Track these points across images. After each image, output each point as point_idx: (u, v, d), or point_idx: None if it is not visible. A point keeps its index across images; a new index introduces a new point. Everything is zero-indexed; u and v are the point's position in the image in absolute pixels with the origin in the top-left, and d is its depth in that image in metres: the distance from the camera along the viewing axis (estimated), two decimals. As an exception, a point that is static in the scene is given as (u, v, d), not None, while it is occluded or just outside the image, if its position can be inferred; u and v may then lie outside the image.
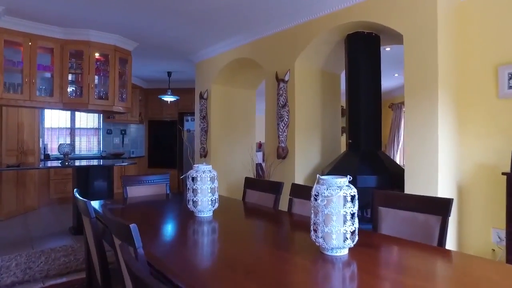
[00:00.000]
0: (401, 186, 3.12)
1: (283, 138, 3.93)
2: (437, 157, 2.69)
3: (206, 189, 2.07)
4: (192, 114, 8.02)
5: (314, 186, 1.44)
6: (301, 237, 1.81)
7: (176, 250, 1.56)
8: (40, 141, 6.64)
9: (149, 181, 3.00)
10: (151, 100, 8.22)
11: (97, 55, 4.58)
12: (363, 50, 3.56)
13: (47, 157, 6.63)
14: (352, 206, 1.36)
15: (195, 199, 2.07)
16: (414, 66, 2.83)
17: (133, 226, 1.21)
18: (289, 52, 3.98)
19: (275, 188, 2.52)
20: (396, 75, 6.89)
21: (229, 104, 5.56)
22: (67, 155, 4.49)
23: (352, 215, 1.37)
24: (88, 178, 4.50)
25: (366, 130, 3.54)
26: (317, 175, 1.47)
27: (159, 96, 7.11)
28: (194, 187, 2.06)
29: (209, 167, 2.13)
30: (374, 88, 3.58)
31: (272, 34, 4.20)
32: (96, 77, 4.56)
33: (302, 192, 2.32)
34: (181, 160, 8.13)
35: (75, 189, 2.01)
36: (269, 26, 4.16)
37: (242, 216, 2.36)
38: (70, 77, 4.47)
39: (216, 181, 2.12)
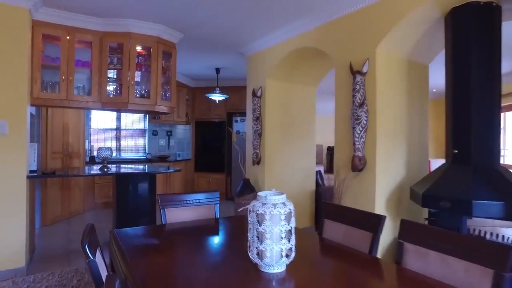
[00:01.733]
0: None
1: (360, 146, 3.10)
2: None
3: (279, 234, 1.34)
4: (242, 114, 7.39)
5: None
6: None
7: None
8: (86, 142, 6.38)
9: (194, 202, 2.34)
10: (198, 100, 7.71)
11: (138, 48, 4.05)
12: (476, 28, 2.62)
13: (92, 160, 6.35)
14: None
15: (261, 247, 1.34)
16: None
17: None
18: (368, 37, 3.14)
19: (373, 223, 1.72)
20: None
21: (287, 102, 4.80)
22: (106, 159, 4.02)
23: None
24: (128, 186, 4.00)
25: (480, 136, 2.60)
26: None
27: (206, 95, 6.55)
28: (261, 229, 1.33)
29: (282, 197, 1.39)
30: (491, 78, 2.63)
31: (345, 16, 3.38)
32: (138, 73, 4.04)
33: (422, 234, 1.50)
34: (230, 163, 7.53)
35: (84, 234, 1.38)
36: (341, 6, 3.34)
37: (327, 270, 1.59)
38: (109, 73, 3.99)
39: (293, 218, 1.38)
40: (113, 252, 1.79)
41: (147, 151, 7.21)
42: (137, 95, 3.96)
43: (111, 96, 3.93)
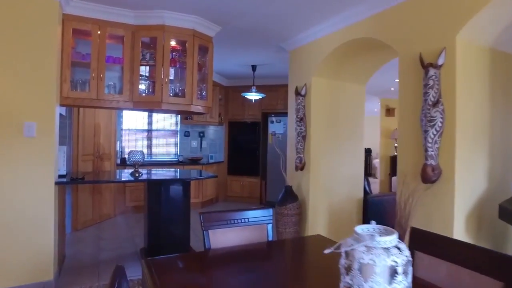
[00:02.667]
0: None
1: (433, 153, 2.58)
2: None
3: (394, 295, 0.89)
4: (278, 114, 6.97)
5: None
6: None
7: None
8: (117, 144, 6.18)
9: (242, 221, 1.93)
10: (231, 99, 7.34)
11: (172, 43, 3.72)
12: None
13: (124, 162, 6.13)
14: None
15: (366, 315, 0.90)
16: None
17: None
18: (445, 22, 2.61)
19: (502, 267, 1.23)
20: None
21: (333, 102, 4.32)
22: (137, 164, 3.70)
23: None
24: (161, 193, 3.67)
25: None
26: None
27: (242, 94, 6.15)
28: (367, 287, 0.89)
29: (394, 237, 0.94)
30: None
31: (413, -2, 2.86)
32: (171, 70, 3.70)
33: None
34: (265, 166, 7.11)
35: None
36: (409, -13, 2.84)
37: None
38: (142, 70, 3.67)
39: (410, 268, 0.93)
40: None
41: (178, 153, 6.93)
42: (171, 94, 3.62)
43: (143, 95, 3.61)
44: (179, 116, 6.93)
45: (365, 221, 4.53)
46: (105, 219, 5.57)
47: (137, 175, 3.68)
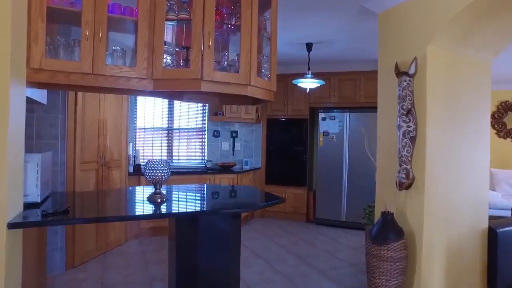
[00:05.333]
0: None
1: None
2: None
3: None
4: (330, 109, 5.50)
5: None
6: None
7: None
8: (130, 147, 4.80)
9: None
10: (271, 91, 5.89)
11: (216, -11, 2.30)
12: None
13: (138, 169, 4.75)
14: None
15: None
16: None
17: None
18: None
19: None
20: None
21: (453, 84, 2.84)
22: (160, 182, 2.29)
23: None
24: (197, 231, 2.27)
25: None
26: None
27: (293, 82, 4.67)
28: None
29: None
30: None
31: None
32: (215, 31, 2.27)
33: None
34: (311, 174, 5.65)
35: None
36: None
37: None
38: (167, 30, 2.27)
39: None
40: None
41: (206, 158, 5.53)
42: (215, 67, 2.19)
43: (170, 68, 2.19)
44: (207, 111, 5.54)
45: (492, 266, 3.02)
46: (113, 248, 4.20)
47: (158, 200, 2.28)
